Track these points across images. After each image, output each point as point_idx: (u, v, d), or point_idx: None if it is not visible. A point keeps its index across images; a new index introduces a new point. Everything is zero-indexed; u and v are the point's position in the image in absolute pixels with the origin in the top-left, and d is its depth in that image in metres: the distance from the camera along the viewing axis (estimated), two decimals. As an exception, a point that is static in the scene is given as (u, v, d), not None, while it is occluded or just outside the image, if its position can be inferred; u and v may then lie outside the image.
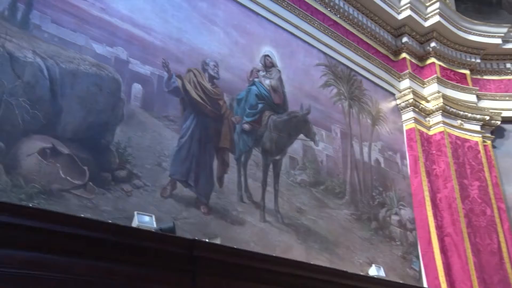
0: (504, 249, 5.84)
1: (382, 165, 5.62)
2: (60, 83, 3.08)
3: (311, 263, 3.78)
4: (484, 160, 6.36)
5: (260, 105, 4.47)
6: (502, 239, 5.91)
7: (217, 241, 3.21)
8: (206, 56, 4.17)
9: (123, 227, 2.63)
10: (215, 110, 4.03)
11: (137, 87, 3.58)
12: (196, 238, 2.89)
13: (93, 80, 3.27)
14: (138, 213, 3.01)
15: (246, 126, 4.25)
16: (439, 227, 5.66)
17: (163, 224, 3.00)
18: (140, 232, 2.70)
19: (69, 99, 3.09)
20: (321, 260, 4.21)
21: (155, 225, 2.98)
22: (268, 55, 4.79)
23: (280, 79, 4.80)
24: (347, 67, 5.72)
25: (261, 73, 4.64)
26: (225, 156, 3.96)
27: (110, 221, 2.66)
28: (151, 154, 3.44)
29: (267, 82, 4.65)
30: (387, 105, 6.15)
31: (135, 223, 2.95)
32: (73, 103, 3.11)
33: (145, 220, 2.98)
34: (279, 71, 4.83)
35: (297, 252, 4.08)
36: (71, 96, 3.12)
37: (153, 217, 3.05)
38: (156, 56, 3.78)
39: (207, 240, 3.03)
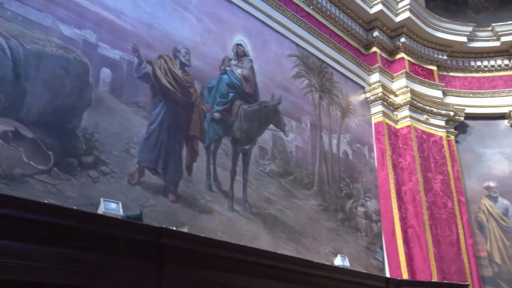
0: (462, 240, 6.05)
1: (350, 157, 5.71)
2: (24, 64, 2.97)
3: (278, 252, 3.81)
4: (447, 154, 6.55)
5: (231, 94, 4.45)
6: (460, 230, 6.11)
7: (185, 230, 3.19)
8: (178, 42, 4.11)
9: (88, 214, 2.58)
10: (186, 97, 3.99)
11: (106, 72, 3.50)
12: (164, 226, 2.86)
13: (59, 62, 3.17)
14: (104, 200, 2.96)
15: (217, 115, 4.23)
16: (403, 219, 5.80)
17: (130, 212, 2.96)
18: (106, 219, 2.65)
19: (33, 81, 3.00)
20: (288, 249, 4.26)
21: (121, 212, 2.94)
22: (240, 44, 4.76)
23: (251, 69, 4.79)
24: (319, 59, 5.76)
25: (233, 62, 4.61)
26: (194, 144, 3.93)
27: (75, 208, 2.60)
28: (119, 141, 3.38)
29: (238, 71, 4.63)
30: (356, 98, 6.23)
31: (101, 210, 2.90)
32: (38, 85, 3.01)
33: (111, 207, 2.93)
34: (251, 60, 4.82)
35: (264, 241, 4.11)
36: (36, 78, 3.02)
37: (120, 204, 3.01)
38: (126, 40, 3.70)
39: (174, 228, 3.01)
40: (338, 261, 4.65)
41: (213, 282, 3.10)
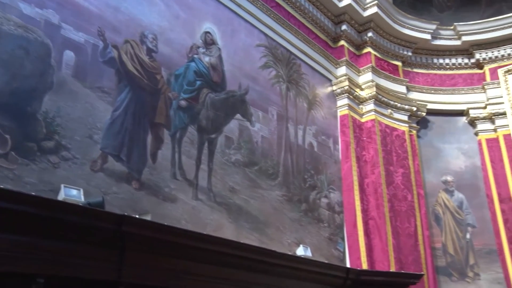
0: (419, 232, 6.24)
1: (315, 149, 5.77)
2: (-21, 42, 2.85)
3: (241, 242, 3.82)
4: (409, 148, 6.72)
5: (198, 82, 4.41)
6: (418, 223, 6.30)
7: (148, 218, 3.16)
8: (145, 27, 4.03)
9: (48, 200, 2.50)
10: (152, 84, 3.93)
11: (69, 55, 3.39)
12: (126, 214, 2.82)
13: (18, 42, 3.05)
14: (65, 186, 2.89)
15: (183, 103, 4.18)
16: (365, 211, 5.93)
17: (92, 199, 2.90)
18: (66, 206, 2.58)
19: (-10, 61, 2.87)
20: (251, 239, 4.28)
21: (83, 199, 2.87)
22: (209, 32, 4.71)
23: (220, 57, 4.75)
24: (287, 50, 5.77)
25: (201, 50, 4.56)
26: (159, 132, 3.88)
27: (33, 194, 2.52)
28: (82, 126, 3.29)
29: (206, 59, 4.59)
30: (323, 91, 6.29)
31: (61, 197, 2.82)
32: (-5, 66, 2.89)
33: (72, 194, 2.86)
34: (219, 49, 4.78)
35: (228, 230, 4.11)
36: (-7, 58, 2.89)
37: (81, 190, 2.93)
38: (91, 23, 3.59)
39: (137, 216, 2.97)
40: (300, 251, 4.71)
41: (175, 270, 3.09)
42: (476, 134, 7.10)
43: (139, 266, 2.86)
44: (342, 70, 6.56)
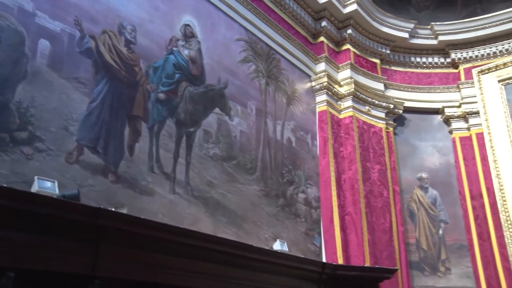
0: (394, 228, 6.34)
1: (294, 144, 5.80)
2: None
3: (218, 236, 3.82)
4: (385, 145, 6.81)
5: (177, 75, 4.37)
6: (393, 218, 6.40)
7: (124, 211, 3.12)
8: (124, 18, 3.96)
9: (20, 192, 2.45)
10: (130, 76, 3.87)
11: (44, 44, 3.31)
12: (101, 207, 2.78)
13: (-10, 29, 2.96)
14: (39, 178, 2.83)
15: (161, 96, 4.14)
16: (341, 206, 5.99)
17: (67, 191, 2.85)
18: (40, 198, 2.53)
19: (-40, 48, 2.78)
20: (228, 233, 4.28)
21: (57, 192, 2.82)
22: (188, 25, 4.67)
23: (199, 51, 4.72)
24: (267, 45, 5.77)
25: (180, 43, 4.52)
26: (137, 125, 3.83)
27: (5, 185, 2.46)
28: (57, 117, 3.22)
29: (186, 52, 4.55)
30: (302, 86, 6.31)
31: (34, 189, 2.77)
32: (-34, 53, 2.81)
33: (46, 186, 2.80)
34: (199, 42, 4.74)
35: (205, 225, 4.10)
36: (-37, 45, 2.80)
37: (56, 183, 2.88)
38: (68, 12, 3.51)
39: (113, 209, 2.93)
40: (277, 246, 4.74)
41: (152, 264, 3.07)
42: (451, 132, 7.24)
43: (114, 260, 2.83)
44: (321, 66, 6.58)
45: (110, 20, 3.83)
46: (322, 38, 6.74)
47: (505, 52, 7.09)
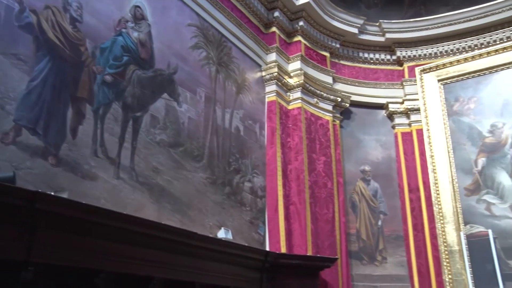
0: (336, 218, 6.53)
1: (242, 133, 5.81)
2: None
3: (162, 223, 3.77)
4: (331, 138, 6.96)
5: (125, 58, 4.24)
6: (336, 209, 6.59)
7: (64, 195, 3.00)
8: (69, -6, 3.78)
9: (-50, 173, 2.31)
10: (75, 56, 3.71)
11: (-21, 15, 3.10)
12: (39, 190, 2.66)
13: None
14: (-29, 159, 2.67)
15: (108, 78, 4.00)
16: (286, 196, 6.07)
17: (1, 173, 2.71)
18: (-29, 180, 2.40)
19: None
20: (172, 220, 4.24)
21: (-9, 174, 2.68)
22: (139, 6, 4.53)
23: (149, 34, 4.60)
24: (219, 32, 5.71)
25: (130, 24, 4.39)
26: (81, 107, 3.69)
27: None
28: (-8, 94, 3.04)
29: (135, 34, 4.42)
30: (253, 76, 6.32)
31: (-34, 170, 2.61)
32: None
33: (-21, 167, 2.65)
34: (149, 25, 4.62)
35: (149, 211, 4.04)
36: None
37: (-10, 164, 2.73)
38: (7, -17, 3.31)
39: (52, 193, 2.82)
40: (221, 234, 4.75)
41: (92, 251, 2.99)
42: (393, 127, 7.51)
43: (51, 245, 2.73)
44: (272, 56, 6.61)
45: (54, -4, 3.64)
46: (274, 29, 6.76)
47: (445, 53, 7.41)
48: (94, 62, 3.88)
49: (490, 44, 7.05)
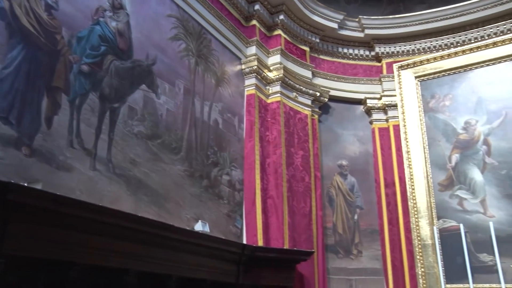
0: (313, 212, 6.59)
1: (220, 126, 5.79)
2: None
3: (139, 215, 3.74)
4: (310, 132, 7.00)
5: (102, 48, 4.17)
6: (313, 203, 6.64)
7: (38, 186, 2.95)
8: (45, -19, 3.69)
9: None
10: (50, 44, 3.63)
11: (-50, 0, 3.01)
12: (12, 181, 2.60)
13: None
14: None
15: (85, 68, 3.93)
16: (264, 190, 6.09)
17: (-28, 163, 2.64)
18: None
19: None
20: (150, 213, 4.21)
21: (-39, 163, 2.60)
22: (117, -5, 4.46)
23: (128, 24, 4.53)
24: (199, 23, 5.67)
25: (108, 14, 4.31)
26: (57, 96, 3.61)
27: None
28: (-37, 82, 2.96)
29: (113, 24, 4.35)
30: (232, 69, 6.30)
31: None
32: None
33: (-52, 157, 2.58)
34: (128, 15, 4.55)
35: (126, 203, 4.00)
36: None
37: (-40, 154, 2.66)
38: (-20, -33, 3.21)
39: (25, 184, 2.76)
40: (198, 227, 4.74)
41: (66, 243, 2.94)
42: (371, 122, 7.60)
43: (24, 237, 2.68)
44: (252, 50, 6.60)
45: (29, -18, 3.55)
46: (254, 22, 6.74)
47: (422, 51, 7.52)
48: (70, 51, 3.80)
49: (465, 43, 7.18)
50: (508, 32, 6.84)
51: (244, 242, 5.59)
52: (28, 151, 3.27)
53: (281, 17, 6.97)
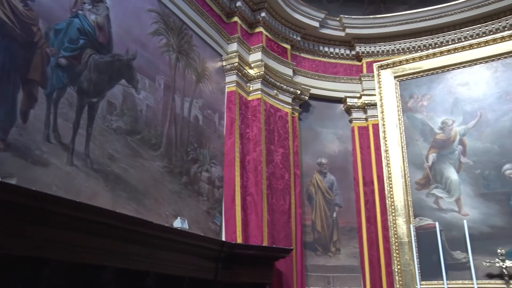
0: (293, 209, 6.62)
1: (200, 122, 5.76)
2: None
3: (117, 211, 3.69)
4: (290, 130, 7.03)
5: (81, 41, 4.09)
6: (293, 201, 6.67)
7: (13, 181, 2.88)
8: (21, -29, 3.60)
9: None
10: (26, 36, 3.54)
11: None
12: (-14, 176, 2.55)
13: None
14: None
15: (63, 61, 3.86)
16: (244, 187, 6.09)
17: None
18: None
19: None
20: (128, 209, 4.16)
21: None
22: (97, -12, 4.38)
23: (107, 17, 4.46)
24: (180, 19, 5.62)
25: (87, 6, 4.23)
26: (33, 90, 3.53)
27: None
28: None
29: (92, 17, 4.27)
30: (213, 65, 6.27)
31: None
32: None
33: None
34: (108, 8, 4.48)
35: (104, 199, 3.95)
36: None
37: None
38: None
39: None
40: (177, 223, 4.71)
41: (40, 239, 2.88)
42: (351, 121, 7.66)
43: (-2, 233, 2.62)
44: (233, 46, 6.58)
45: (5, -28, 3.46)
46: (236, 18, 6.72)
47: (402, 51, 7.62)
48: (47, 44, 3.72)
49: (443, 44, 7.31)
50: (484, 35, 6.99)
51: (223, 239, 5.58)
52: (2, 145, 3.19)
53: (263, 14, 6.96)
